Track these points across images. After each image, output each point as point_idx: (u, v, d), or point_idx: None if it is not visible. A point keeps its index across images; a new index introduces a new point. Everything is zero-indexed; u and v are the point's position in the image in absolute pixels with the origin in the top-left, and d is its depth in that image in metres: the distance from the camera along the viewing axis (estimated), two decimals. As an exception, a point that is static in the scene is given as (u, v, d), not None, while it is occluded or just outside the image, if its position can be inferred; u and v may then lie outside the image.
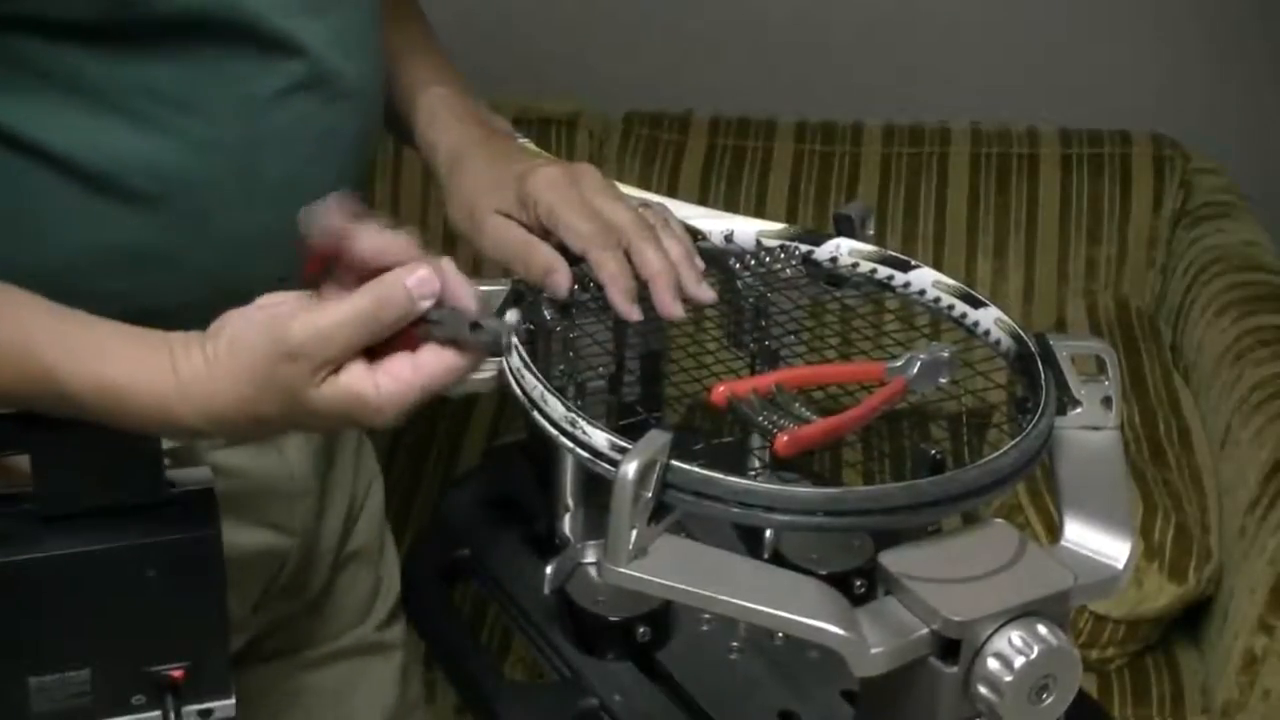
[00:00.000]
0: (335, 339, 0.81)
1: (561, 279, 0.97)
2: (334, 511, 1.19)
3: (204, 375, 0.83)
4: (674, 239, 0.99)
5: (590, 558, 1.01)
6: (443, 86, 1.15)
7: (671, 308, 0.96)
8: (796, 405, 0.85)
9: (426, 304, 0.83)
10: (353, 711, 1.25)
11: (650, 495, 0.76)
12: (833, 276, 1.03)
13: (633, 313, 0.96)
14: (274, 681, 1.19)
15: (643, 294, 0.97)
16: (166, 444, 0.90)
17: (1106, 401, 0.90)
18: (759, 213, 2.16)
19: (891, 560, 0.78)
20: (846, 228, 1.03)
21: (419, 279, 0.82)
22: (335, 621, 1.22)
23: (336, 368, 0.82)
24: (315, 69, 0.98)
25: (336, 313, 0.81)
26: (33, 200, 0.92)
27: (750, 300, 1.00)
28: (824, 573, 0.98)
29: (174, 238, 0.95)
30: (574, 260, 0.97)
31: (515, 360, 0.88)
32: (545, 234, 1.00)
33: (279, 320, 0.82)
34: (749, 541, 1.03)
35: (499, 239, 1.02)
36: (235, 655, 1.09)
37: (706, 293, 0.98)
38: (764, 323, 1.00)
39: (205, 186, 0.95)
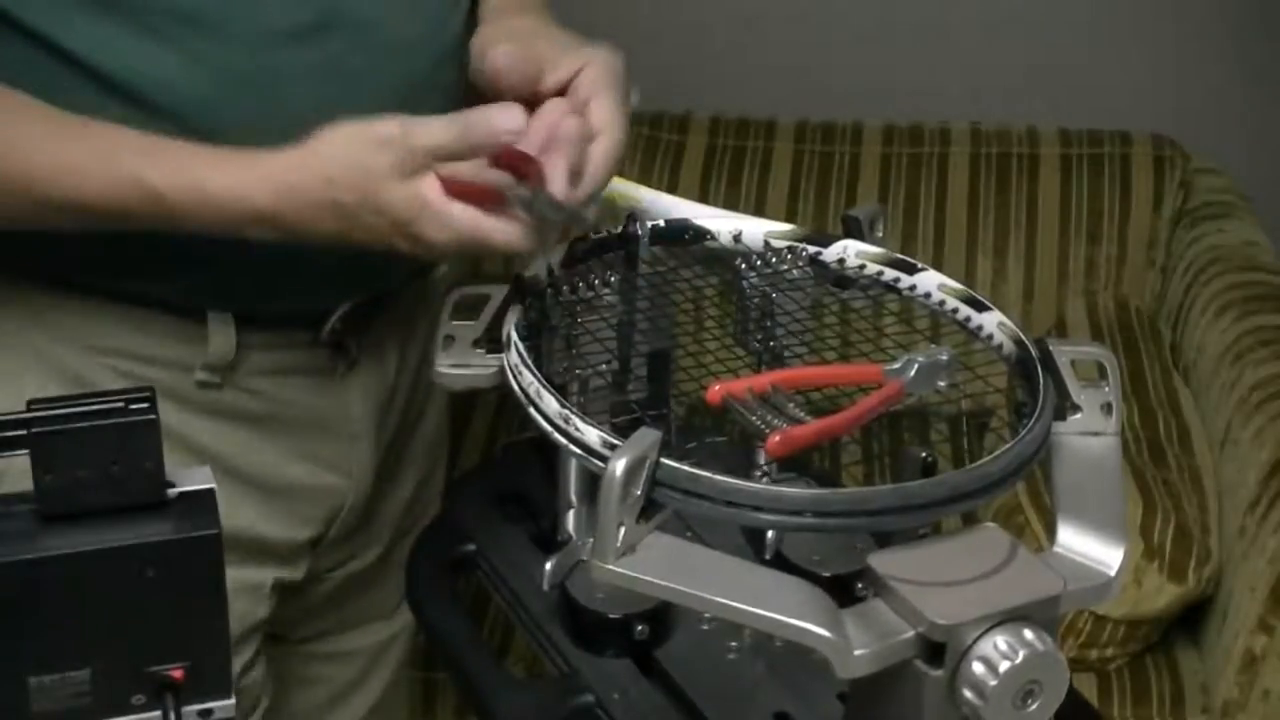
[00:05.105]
0: (421, 137, 0.88)
1: (513, 115, 0.92)
2: (405, 478, 1.21)
3: (288, 154, 0.91)
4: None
5: (589, 555, 1.01)
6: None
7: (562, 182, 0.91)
8: (791, 406, 0.85)
9: (509, 136, 0.87)
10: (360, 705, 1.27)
11: (639, 492, 0.76)
12: (840, 278, 1.03)
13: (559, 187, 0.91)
14: (291, 665, 1.20)
15: (648, 295, 0.97)
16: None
17: (1106, 407, 0.89)
18: (759, 213, 2.14)
19: (879, 562, 0.78)
20: (855, 229, 1.03)
21: (510, 113, 0.89)
22: (380, 603, 1.23)
23: (414, 173, 0.88)
24: (339, 9, 1.00)
25: (427, 119, 0.89)
26: (64, 103, 0.96)
27: (755, 300, 1.00)
28: (827, 575, 0.98)
29: None
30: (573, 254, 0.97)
31: (514, 357, 0.89)
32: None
33: (372, 121, 0.89)
34: (753, 543, 1.04)
35: (494, 65, 0.99)
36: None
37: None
38: (769, 323, 1.00)
39: (220, 108, 0.98)
